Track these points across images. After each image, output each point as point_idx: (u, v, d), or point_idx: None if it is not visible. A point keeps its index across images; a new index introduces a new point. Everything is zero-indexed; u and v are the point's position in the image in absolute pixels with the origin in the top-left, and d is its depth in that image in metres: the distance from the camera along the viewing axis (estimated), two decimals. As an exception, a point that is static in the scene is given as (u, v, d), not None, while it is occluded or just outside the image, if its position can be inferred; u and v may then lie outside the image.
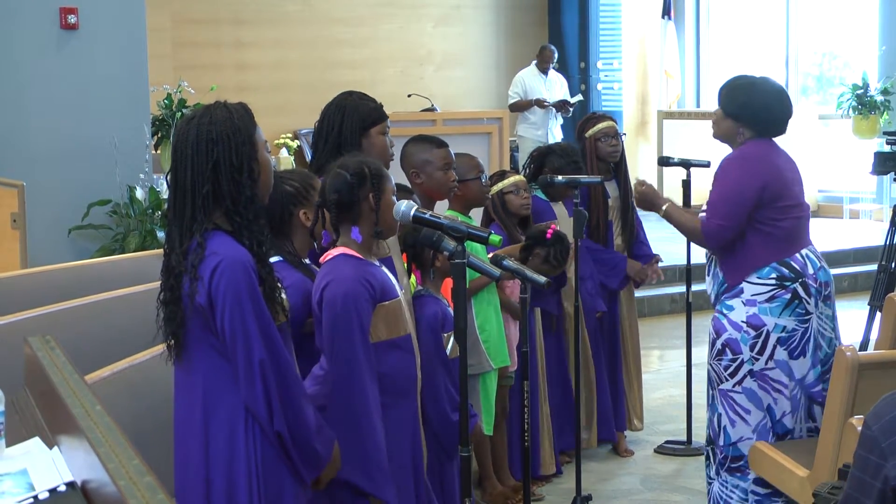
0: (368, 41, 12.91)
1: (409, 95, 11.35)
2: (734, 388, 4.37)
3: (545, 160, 5.64)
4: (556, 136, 11.58)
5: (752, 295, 4.34)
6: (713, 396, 4.47)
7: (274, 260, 3.29)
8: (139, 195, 7.28)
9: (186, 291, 2.79)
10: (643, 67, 14.52)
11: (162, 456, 3.02)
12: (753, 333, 4.32)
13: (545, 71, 11.83)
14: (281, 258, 3.47)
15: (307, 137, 11.56)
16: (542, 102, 11.59)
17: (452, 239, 3.30)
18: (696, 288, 6.01)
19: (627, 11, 13.90)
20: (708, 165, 5.10)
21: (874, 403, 2.36)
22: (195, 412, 2.86)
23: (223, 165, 2.81)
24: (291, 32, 12.47)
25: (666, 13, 14.06)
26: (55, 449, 2.41)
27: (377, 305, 3.34)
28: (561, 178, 5.24)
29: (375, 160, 3.51)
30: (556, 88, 11.85)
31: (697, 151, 6.28)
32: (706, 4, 14.45)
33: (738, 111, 4.43)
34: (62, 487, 2.19)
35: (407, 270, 3.84)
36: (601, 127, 5.79)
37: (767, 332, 4.31)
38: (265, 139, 2.96)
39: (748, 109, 4.42)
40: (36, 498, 2.17)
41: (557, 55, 12.14)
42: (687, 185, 5.61)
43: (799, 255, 4.38)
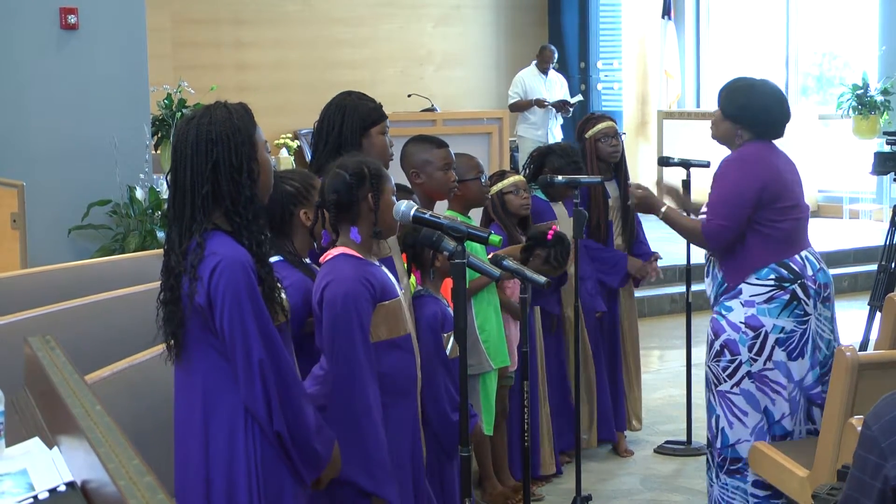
0: (368, 41, 12.91)
1: (409, 95, 11.35)
2: (732, 389, 4.37)
3: (545, 160, 5.64)
4: (556, 136, 11.57)
5: (750, 296, 4.34)
6: (710, 399, 4.47)
7: (274, 259, 3.30)
8: (139, 195, 7.28)
9: (186, 291, 2.79)
10: (643, 67, 14.52)
11: (162, 456, 3.02)
12: (752, 334, 4.32)
13: (545, 71, 11.83)
14: (281, 258, 3.47)
15: (307, 137, 11.56)
16: (541, 102, 11.58)
17: (452, 239, 3.30)
18: (696, 288, 6.01)
19: (627, 11, 13.90)
20: (708, 165, 5.10)
21: (874, 403, 2.35)
22: (195, 412, 2.86)
23: (223, 166, 2.81)
24: (291, 32, 12.46)
25: (666, 13, 14.05)
26: (55, 449, 2.41)
27: (377, 305, 3.34)
28: (561, 178, 5.24)
29: (375, 160, 3.50)
30: (556, 88, 11.84)
31: (697, 151, 6.27)
32: (706, 4, 14.44)
33: (737, 113, 4.43)
34: (62, 487, 2.19)
35: (407, 270, 3.84)
36: (601, 127, 5.78)
37: (766, 332, 4.31)
38: (265, 139, 2.96)
39: (747, 112, 4.42)
40: (36, 498, 2.17)
41: (557, 55, 12.14)
42: (687, 185, 5.60)
43: (798, 256, 4.37)
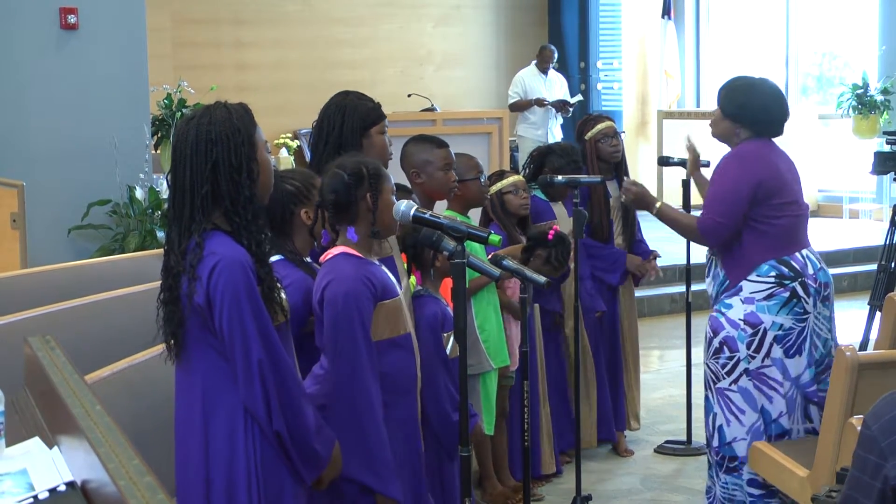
0: (368, 41, 12.90)
1: (409, 95, 11.36)
2: (730, 386, 4.38)
3: (545, 160, 5.64)
4: (555, 135, 11.57)
5: (750, 293, 4.35)
6: (708, 396, 4.48)
7: (275, 259, 3.30)
8: (139, 195, 7.28)
9: (185, 291, 2.78)
10: (643, 67, 14.51)
11: (162, 456, 3.02)
12: (751, 331, 4.33)
13: (545, 71, 11.82)
14: (282, 257, 3.47)
15: (307, 137, 11.55)
16: (541, 102, 11.58)
17: (452, 239, 3.30)
18: (696, 288, 6.01)
19: (627, 11, 13.89)
20: (707, 165, 5.10)
21: (874, 403, 2.35)
22: (195, 412, 2.86)
23: (222, 166, 2.81)
24: (291, 32, 12.46)
25: (666, 13, 14.05)
26: (55, 449, 2.41)
27: (378, 304, 3.34)
28: (561, 178, 5.24)
29: (374, 160, 3.50)
30: (556, 88, 11.84)
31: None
32: (706, 4, 14.44)
33: (736, 112, 4.45)
34: (62, 487, 2.19)
35: (407, 270, 3.84)
36: (601, 128, 5.78)
37: (764, 329, 4.32)
38: (265, 139, 2.96)
39: (747, 111, 4.44)
40: (36, 498, 2.17)
41: (557, 55, 12.14)
42: (687, 185, 5.60)
43: (799, 254, 4.39)
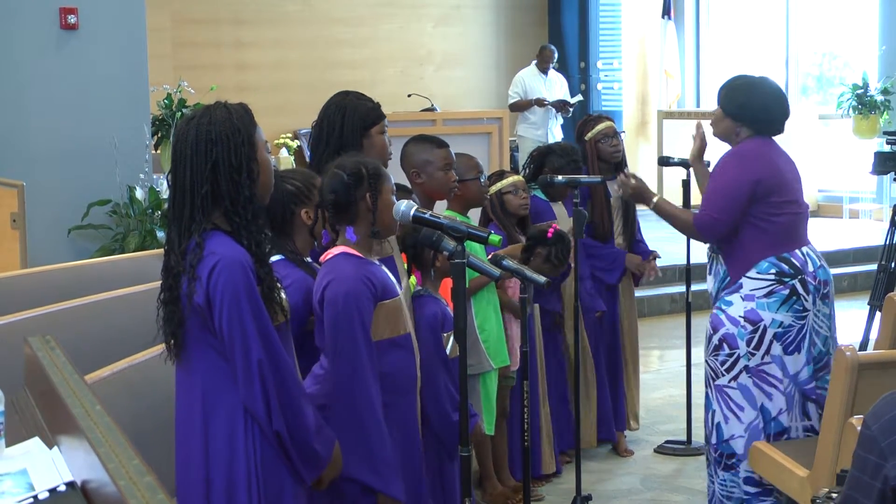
0: (368, 41, 12.90)
1: (409, 95, 11.36)
2: (729, 383, 4.39)
3: (545, 160, 5.64)
4: (556, 135, 11.57)
5: (750, 290, 4.36)
6: (708, 393, 4.49)
7: (276, 258, 3.30)
8: (139, 195, 7.28)
9: (185, 291, 2.78)
10: (643, 67, 14.51)
11: (162, 456, 3.02)
12: (750, 328, 4.34)
13: (545, 71, 11.82)
14: (283, 257, 3.47)
15: (307, 137, 11.55)
16: (541, 102, 11.58)
17: (452, 239, 3.30)
18: (696, 288, 6.01)
19: (627, 11, 13.89)
20: (707, 165, 5.11)
21: (874, 403, 2.35)
22: (195, 412, 2.86)
23: (222, 166, 2.81)
24: (291, 32, 12.46)
25: (666, 13, 14.05)
26: (55, 449, 2.41)
27: (378, 304, 3.34)
28: (561, 178, 5.24)
29: (374, 160, 3.50)
30: (556, 88, 11.84)
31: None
32: (706, 4, 14.44)
33: (737, 111, 4.46)
34: (62, 487, 2.19)
35: (407, 270, 3.84)
36: (600, 128, 5.78)
37: (764, 326, 4.33)
38: (265, 139, 2.96)
39: (747, 110, 4.45)
40: (36, 498, 2.17)
41: (557, 55, 12.14)
42: (687, 185, 5.61)
43: (799, 251, 4.40)
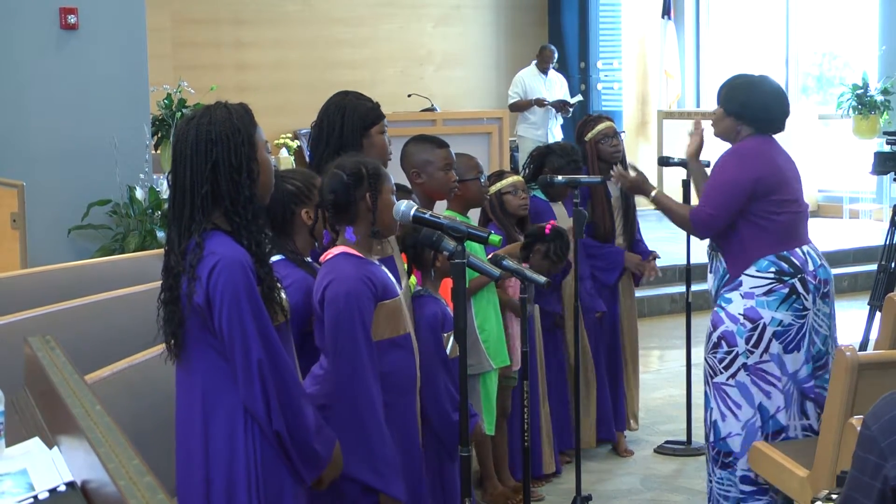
0: (368, 41, 12.90)
1: (409, 95, 11.35)
2: (728, 381, 4.40)
3: (545, 160, 5.64)
4: (556, 136, 11.56)
5: (750, 288, 4.36)
6: (706, 391, 4.50)
7: (276, 258, 3.30)
8: (139, 195, 7.28)
9: (185, 291, 2.78)
10: (643, 67, 14.51)
11: (162, 456, 3.02)
12: (750, 326, 4.35)
13: (545, 71, 11.82)
14: (283, 257, 3.47)
15: (307, 137, 11.55)
16: (541, 102, 11.58)
17: (452, 239, 3.30)
18: (696, 288, 6.01)
19: (627, 11, 13.89)
20: (708, 165, 5.11)
21: (874, 403, 2.35)
22: (195, 412, 2.86)
23: (222, 166, 2.81)
24: (291, 32, 12.46)
25: (666, 13, 14.05)
26: (55, 449, 2.41)
27: (378, 304, 3.34)
28: (561, 178, 5.24)
29: (373, 160, 3.50)
30: (556, 88, 11.84)
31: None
32: (706, 4, 14.44)
33: (738, 110, 4.46)
34: (62, 487, 2.19)
35: (407, 270, 3.84)
36: (601, 128, 5.78)
37: (764, 325, 4.33)
38: (266, 139, 2.96)
39: (749, 109, 4.46)
40: (36, 498, 2.17)
41: (557, 55, 12.14)
42: (687, 185, 5.60)
43: (800, 250, 4.40)
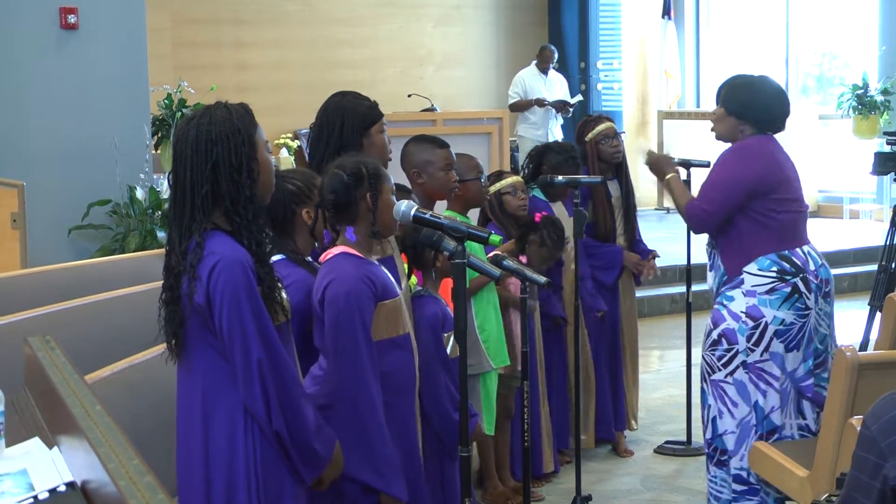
0: (368, 41, 12.90)
1: (409, 95, 11.35)
2: (725, 378, 4.40)
3: (543, 158, 5.64)
4: (556, 136, 11.56)
5: (752, 286, 4.37)
6: (704, 388, 4.50)
7: (277, 258, 3.30)
8: (139, 195, 7.28)
9: (185, 291, 2.79)
10: (643, 67, 14.51)
11: (162, 456, 3.02)
12: (751, 324, 4.35)
13: (545, 71, 11.82)
14: (284, 256, 3.47)
15: (307, 137, 11.55)
16: (541, 102, 11.58)
17: (452, 239, 3.31)
18: (696, 288, 6.01)
19: (627, 11, 13.89)
20: (708, 165, 5.11)
21: (874, 403, 2.35)
22: (195, 412, 2.86)
23: (222, 166, 2.81)
24: (291, 32, 12.46)
25: (666, 13, 14.05)
26: (55, 449, 2.41)
27: (378, 304, 3.34)
28: (561, 178, 5.24)
29: (373, 160, 3.50)
30: (556, 88, 11.84)
31: (697, 151, 6.27)
32: (706, 4, 14.44)
33: (740, 110, 4.47)
34: (62, 487, 2.19)
35: (407, 271, 3.84)
36: (601, 129, 5.78)
37: (766, 323, 4.33)
38: (266, 139, 2.96)
39: (750, 109, 4.47)
40: (36, 498, 2.17)
41: (557, 55, 12.14)
42: (687, 185, 5.60)
43: (800, 250, 4.41)
